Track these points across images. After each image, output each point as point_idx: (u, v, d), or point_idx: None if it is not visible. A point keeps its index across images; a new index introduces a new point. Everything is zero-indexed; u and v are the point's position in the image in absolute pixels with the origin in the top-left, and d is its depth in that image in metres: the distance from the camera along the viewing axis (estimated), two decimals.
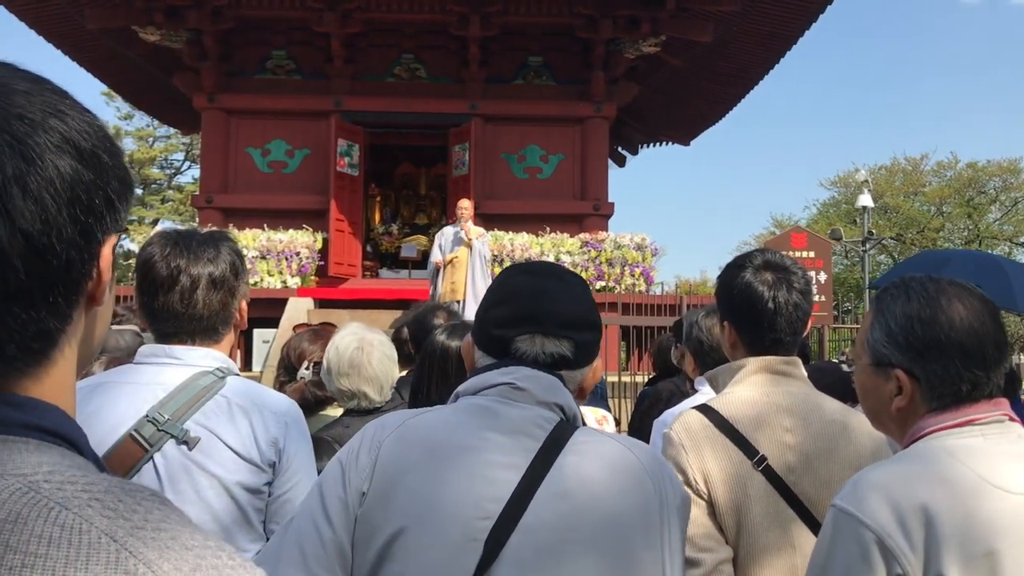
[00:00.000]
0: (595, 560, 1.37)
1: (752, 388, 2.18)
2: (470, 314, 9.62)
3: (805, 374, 2.26)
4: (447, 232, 11.33)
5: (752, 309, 2.21)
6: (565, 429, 1.47)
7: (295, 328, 5.60)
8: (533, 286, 1.56)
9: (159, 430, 1.95)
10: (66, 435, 0.74)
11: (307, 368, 3.56)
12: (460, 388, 1.56)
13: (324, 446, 2.78)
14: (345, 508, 1.41)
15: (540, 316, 1.52)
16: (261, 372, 10.92)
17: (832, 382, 3.44)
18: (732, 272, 2.27)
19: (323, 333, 3.72)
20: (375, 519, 1.38)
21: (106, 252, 0.78)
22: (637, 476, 1.45)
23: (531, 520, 1.36)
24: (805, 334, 2.31)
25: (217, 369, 2.09)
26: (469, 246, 10.92)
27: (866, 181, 30.93)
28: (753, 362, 2.22)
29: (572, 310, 1.54)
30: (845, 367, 4.37)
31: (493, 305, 1.59)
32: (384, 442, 1.44)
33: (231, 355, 2.22)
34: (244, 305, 2.22)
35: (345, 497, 1.41)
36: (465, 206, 11.27)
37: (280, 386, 3.59)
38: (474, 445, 1.43)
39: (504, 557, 1.34)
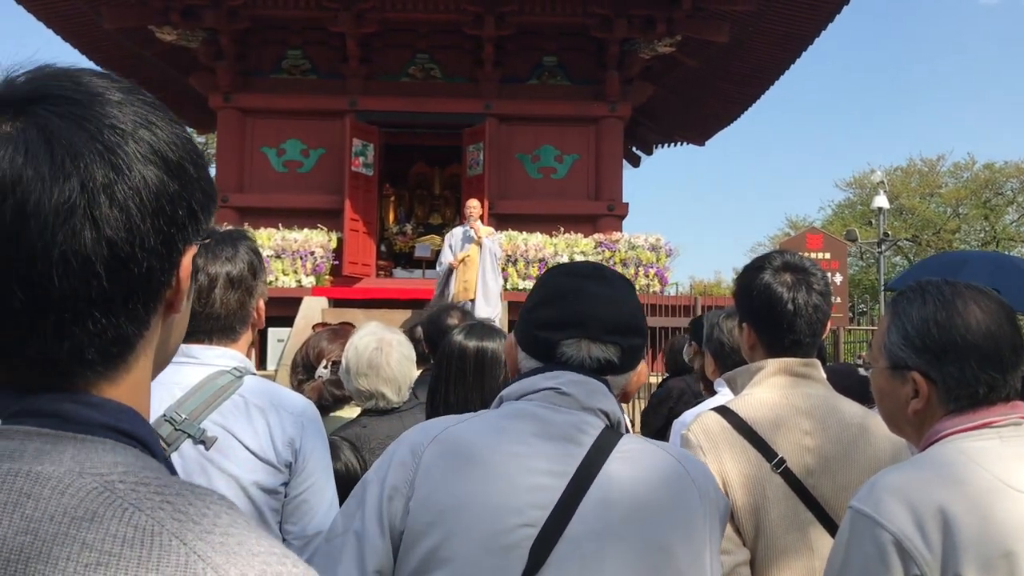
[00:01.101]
0: (639, 568, 1.36)
1: (771, 390, 2.17)
2: (481, 313, 9.63)
3: (824, 376, 2.25)
4: (456, 233, 11.35)
5: (772, 311, 2.19)
6: (610, 435, 1.45)
7: (314, 327, 5.61)
8: (579, 288, 1.53)
9: (176, 429, 1.94)
10: (140, 437, 0.75)
11: (325, 367, 3.57)
12: (504, 392, 1.54)
13: (341, 447, 2.78)
14: (388, 514, 1.39)
15: (586, 320, 1.50)
16: (276, 371, 10.94)
17: (849, 384, 3.42)
18: (751, 274, 2.26)
19: (342, 332, 3.73)
20: (418, 526, 1.37)
21: (186, 262, 0.79)
22: (683, 485, 1.44)
23: (576, 528, 1.35)
24: (824, 336, 2.30)
25: (234, 368, 2.08)
26: (479, 244, 10.94)
27: (882, 182, 30.74)
28: (772, 364, 2.20)
29: (618, 315, 1.52)
30: (862, 370, 4.36)
31: (537, 305, 1.56)
32: (427, 448, 1.43)
33: (248, 354, 2.21)
34: (262, 304, 2.21)
35: (388, 503, 1.40)
36: (473, 205, 11.32)
37: (298, 384, 3.59)
38: (517, 451, 1.41)
39: (549, 565, 1.33)
